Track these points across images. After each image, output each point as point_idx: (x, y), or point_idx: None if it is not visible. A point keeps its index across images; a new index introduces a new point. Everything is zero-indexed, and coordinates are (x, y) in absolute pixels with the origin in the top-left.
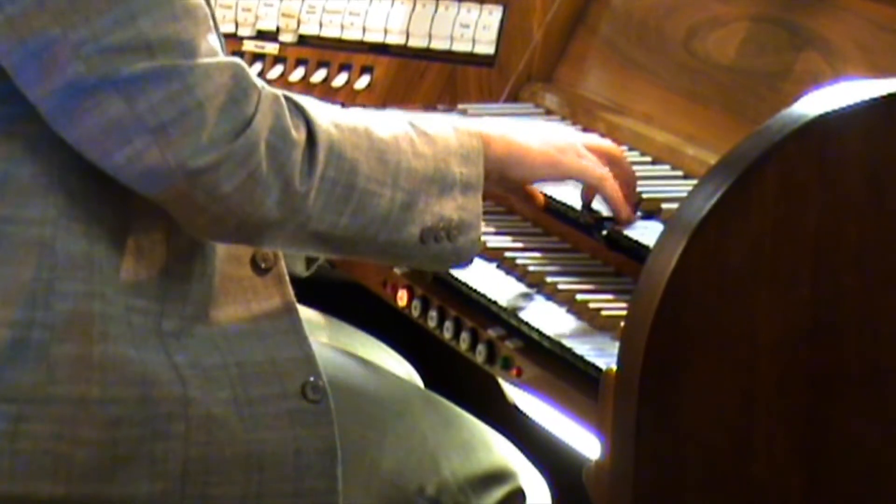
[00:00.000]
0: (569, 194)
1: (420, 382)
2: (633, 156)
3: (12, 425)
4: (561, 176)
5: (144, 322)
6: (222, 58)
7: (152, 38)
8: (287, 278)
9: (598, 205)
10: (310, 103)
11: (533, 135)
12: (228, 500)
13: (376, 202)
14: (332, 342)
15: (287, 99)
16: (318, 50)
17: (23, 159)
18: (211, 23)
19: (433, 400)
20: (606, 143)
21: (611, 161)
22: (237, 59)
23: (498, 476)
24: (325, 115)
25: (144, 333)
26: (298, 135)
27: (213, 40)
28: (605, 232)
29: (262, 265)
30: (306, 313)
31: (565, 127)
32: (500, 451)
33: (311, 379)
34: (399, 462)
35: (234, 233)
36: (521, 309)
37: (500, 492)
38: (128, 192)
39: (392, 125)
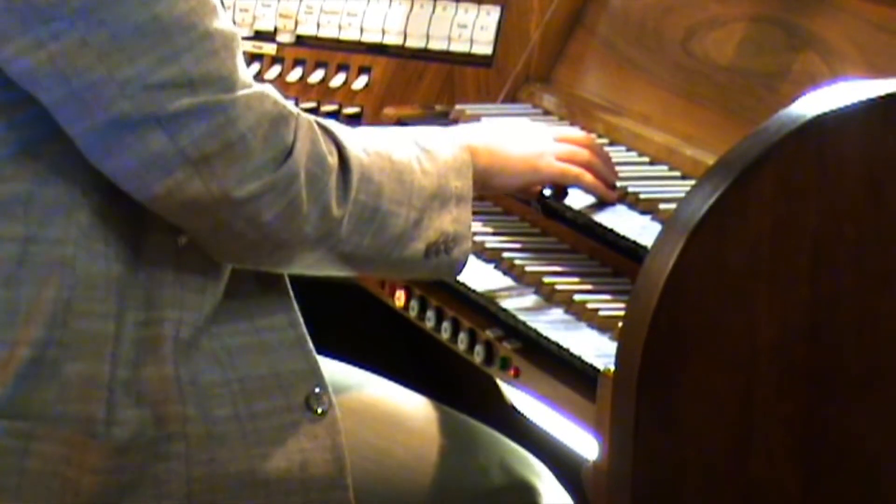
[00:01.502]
0: (569, 196)
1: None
2: (632, 156)
3: (23, 443)
4: (541, 180)
5: (161, 332)
6: (258, 87)
7: (195, 74)
8: (291, 293)
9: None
10: (337, 128)
11: (511, 141)
12: None
13: (394, 222)
14: None
15: (317, 124)
16: (315, 50)
17: (47, 179)
18: (241, 47)
19: (448, 420)
20: (578, 149)
21: (585, 161)
22: (271, 88)
23: (514, 497)
24: (354, 140)
25: (160, 344)
26: (333, 160)
27: (243, 65)
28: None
29: (267, 280)
30: None
31: (536, 125)
32: (518, 469)
33: (316, 390)
34: (406, 493)
35: (266, 258)
36: (519, 309)
37: None
38: (141, 210)
39: (403, 144)
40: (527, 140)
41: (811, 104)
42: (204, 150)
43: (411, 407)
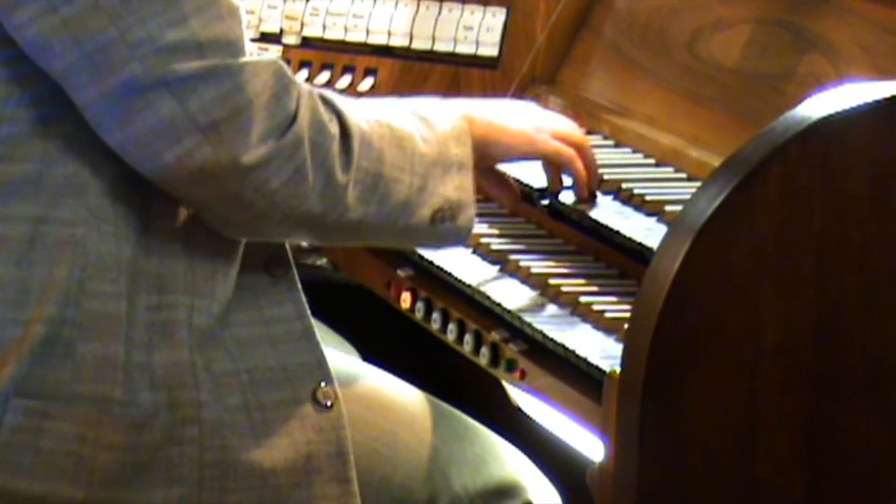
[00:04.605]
0: (570, 195)
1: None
2: (637, 158)
3: (37, 422)
4: (536, 154)
5: (174, 317)
6: (264, 56)
7: (203, 38)
8: (299, 285)
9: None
10: (336, 97)
11: (509, 115)
12: None
13: (398, 188)
14: None
15: (317, 94)
16: (321, 52)
17: (57, 160)
18: (244, 21)
19: (444, 411)
20: (574, 132)
21: (577, 148)
22: (276, 57)
23: (509, 490)
24: (353, 109)
25: (173, 329)
26: (334, 128)
27: (247, 36)
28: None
29: (276, 272)
30: None
31: (535, 107)
32: (511, 464)
33: (323, 384)
34: (409, 476)
35: (275, 228)
36: (524, 311)
37: None
38: (149, 195)
39: (402, 114)
40: (525, 115)
41: (817, 106)
42: (213, 115)
43: (411, 397)
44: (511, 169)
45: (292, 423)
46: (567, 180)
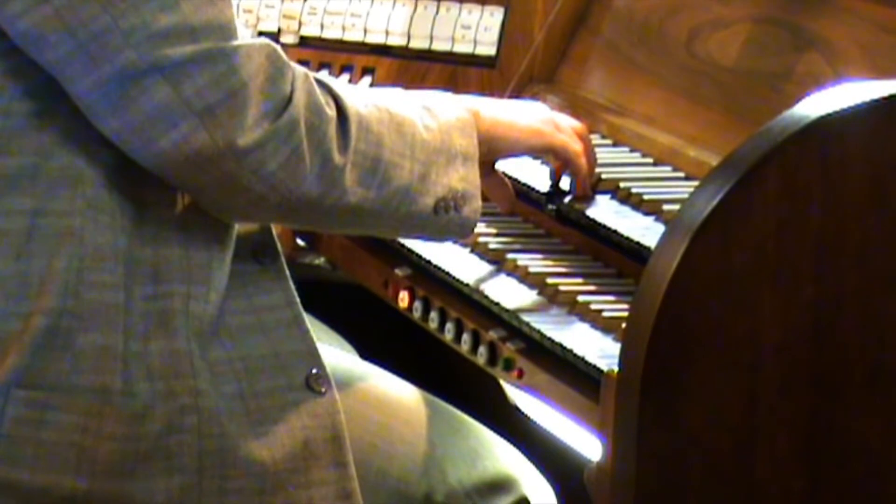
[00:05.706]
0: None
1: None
2: (635, 157)
3: (39, 413)
4: (544, 147)
5: (171, 306)
6: (256, 39)
7: (195, 22)
8: (287, 273)
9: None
10: (334, 81)
11: (515, 111)
12: (246, 494)
13: (399, 174)
14: None
15: (314, 77)
16: (319, 51)
17: (52, 152)
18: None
19: (440, 406)
20: (575, 124)
21: (585, 142)
22: (268, 40)
23: (504, 485)
24: (351, 93)
25: (170, 318)
26: (330, 111)
27: (239, 20)
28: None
29: (264, 259)
30: None
31: (541, 105)
32: (506, 458)
33: (314, 371)
34: (406, 470)
35: (273, 211)
36: (522, 310)
37: (506, 501)
38: (144, 183)
39: (405, 101)
40: (531, 111)
41: (815, 105)
42: (207, 99)
43: (406, 392)
44: (511, 170)
45: (287, 410)
46: (565, 179)
